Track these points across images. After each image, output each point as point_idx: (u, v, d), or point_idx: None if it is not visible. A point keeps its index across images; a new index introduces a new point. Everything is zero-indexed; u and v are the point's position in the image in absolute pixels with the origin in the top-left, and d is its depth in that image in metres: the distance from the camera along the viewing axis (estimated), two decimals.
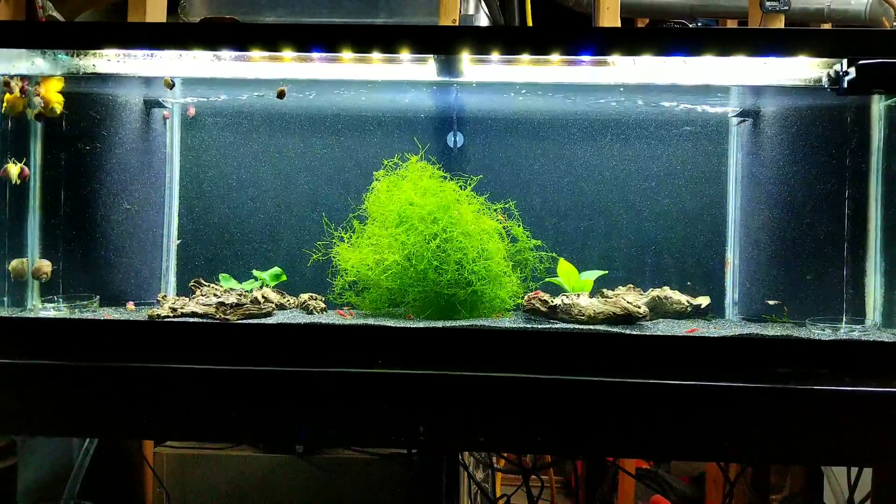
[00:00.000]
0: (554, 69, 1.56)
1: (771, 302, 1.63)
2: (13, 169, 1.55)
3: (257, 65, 1.58)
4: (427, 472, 1.69)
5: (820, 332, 1.45)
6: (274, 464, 2.12)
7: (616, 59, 1.49)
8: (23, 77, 1.55)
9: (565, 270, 1.61)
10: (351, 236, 1.66)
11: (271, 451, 2.14)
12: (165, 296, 1.59)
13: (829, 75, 1.46)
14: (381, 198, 1.63)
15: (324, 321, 1.46)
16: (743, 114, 1.76)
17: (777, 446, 1.26)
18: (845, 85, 1.41)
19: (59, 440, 2.11)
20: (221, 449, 2.15)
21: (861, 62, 1.37)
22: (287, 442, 2.03)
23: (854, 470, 1.84)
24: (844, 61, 1.40)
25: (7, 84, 1.53)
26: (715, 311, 1.74)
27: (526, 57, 1.48)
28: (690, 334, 1.41)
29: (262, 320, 1.47)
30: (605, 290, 1.62)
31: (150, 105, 1.78)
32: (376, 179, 1.66)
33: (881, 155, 1.53)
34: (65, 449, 2.13)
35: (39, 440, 2.03)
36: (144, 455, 2.17)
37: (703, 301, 1.67)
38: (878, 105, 1.54)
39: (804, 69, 1.49)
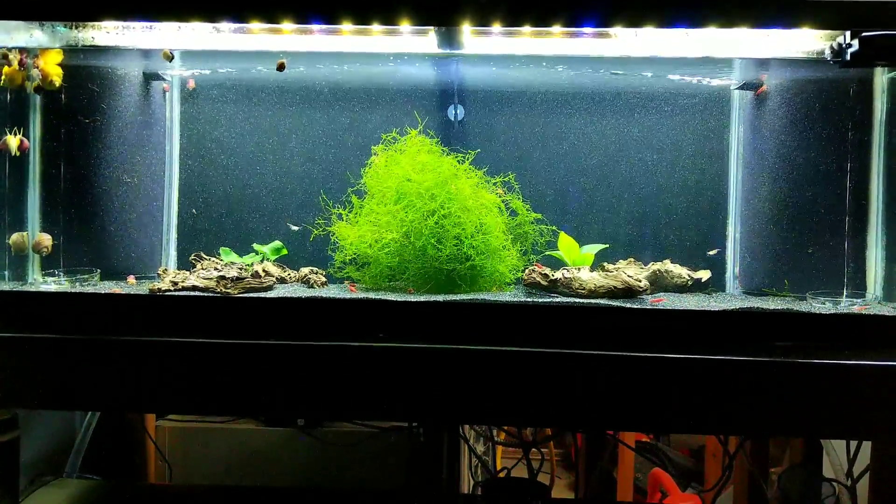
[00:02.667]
0: (556, 41, 1.54)
1: (711, 252, 1.64)
2: (13, 141, 1.55)
3: (257, 37, 1.56)
4: (428, 445, 1.70)
5: (820, 305, 1.46)
6: (275, 437, 2.13)
7: (618, 31, 1.48)
8: (21, 49, 1.54)
9: (566, 244, 1.61)
10: (350, 212, 1.65)
11: (273, 425, 2.15)
12: (166, 269, 1.60)
13: (832, 48, 1.45)
14: (379, 173, 1.63)
15: (325, 295, 1.46)
16: (745, 86, 1.75)
17: (777, 419, 1.26)
18: (848, 57, 1.40)
19: (61, 414, 2.12)
20: (223, 422, 2.16)
21: (864, 34, 1.36)
22: (288, 415, 2.04)
23: (853, 443, 1.84)
24: (847, 33, 1.39)
25: (5, 56, 1.52)
26: (716, 285, 1.75)
27: (527, 29, 1.47)
28: (694, 309, 1.41)
29: (263, 294, 1.47)
30: (605, 264, 1.62)
31: (150, 78, 1.77)
32: (374, 154, 1.66)
33: (884, 128, 1.52)
34: (67, 422, 2.14)
35: (42, 413, 2.04)
36: (146, 428, 2.18)
37: (704, 275, 1.67)
38: (882, 78, 1.53)
39: (807, 41, 1.48)
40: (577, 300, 1.43)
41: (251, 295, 1.45)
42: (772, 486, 2.16)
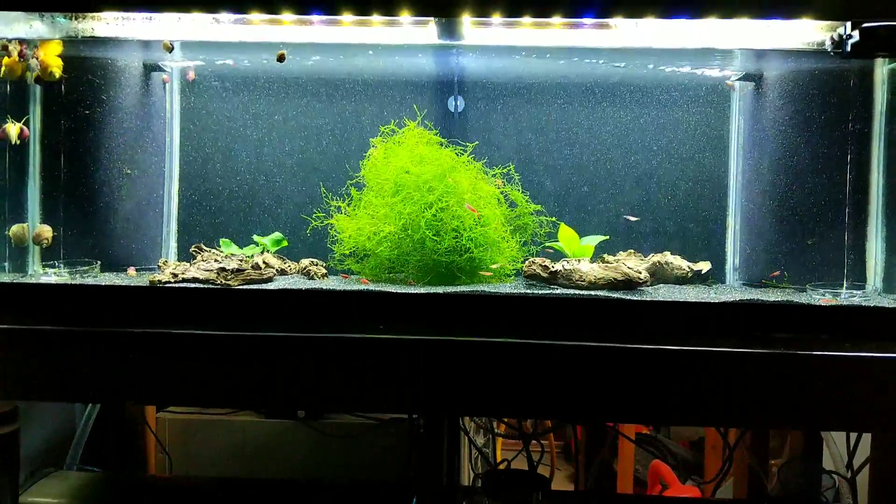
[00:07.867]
0: (556, 32, 1.54)
1: (630, 218, 1.66)
2: (12, 129, 1.55)
3: (257, 28, 1.56)
4: (428, 437, 1.70)
5: (820, 297, 1.46)
6: (275, 429, 2.13)
7: (618, 22, 1.48)
8: (21, 40, 1.54)
9: (566, 236, 1.60)
10: (349, 204, 1.65)
11: (273, 417, 2.15)
12: (166, 261, 1.59)
13: (832, 38, 1.44)
14: (378, 166, 1.62)
15: (325, 287, 1.46)
16: (745, 78, 1.74)
17: (777, 411, 1.26)
18: (849, 48, 1.40)
19: (61, 406, 2.13)
20: (223, 414, 2.16)
21: (865, 25, 1.35)
22: (288, 407, 2.04)
23: (853, 435, 1.85)
24: (848, 24, 1.39)
25: (5, 48, 1.52)
26: (716, 276, 1.75)
27: (528, 19, 1.46)
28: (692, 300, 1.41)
29: (264, 286, 1.47)
30: (605, 256, 1.62)
31: (150, 69, 1.77)
32: (373, 146, 1.65)
33: (884, 119, 1.52)
34: (68, 414, 2.15)
35: (42, 406, 2.04)
36: (147, 420, 2.18)
37: (704, 266, 1.67)
38: (882, 69, 1.52)
39: (807, 32, 1.48)
40: (578, 292, 1.43)
41: (252, 287, 1.45)
42: (771, 479, 2.16)
